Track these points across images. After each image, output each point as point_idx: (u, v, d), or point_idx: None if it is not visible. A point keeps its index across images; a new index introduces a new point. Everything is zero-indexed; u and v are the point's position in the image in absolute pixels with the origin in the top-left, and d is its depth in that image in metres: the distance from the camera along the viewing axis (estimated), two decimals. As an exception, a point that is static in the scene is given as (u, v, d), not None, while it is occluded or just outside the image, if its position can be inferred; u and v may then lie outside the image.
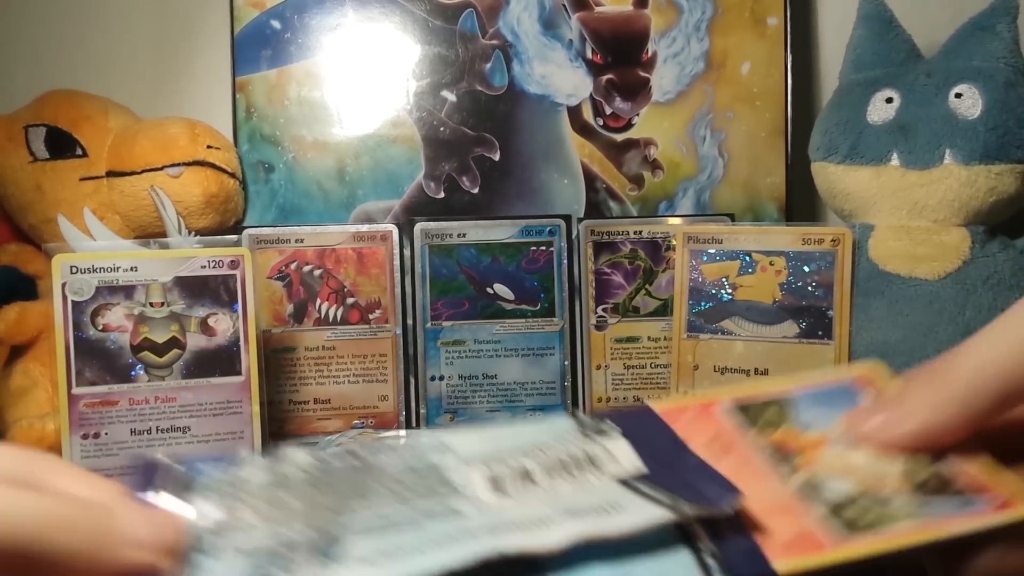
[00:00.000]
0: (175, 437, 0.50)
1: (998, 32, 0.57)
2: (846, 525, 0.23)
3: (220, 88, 0.70)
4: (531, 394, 0.63)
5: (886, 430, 0.25)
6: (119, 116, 0.65)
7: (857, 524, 0.23)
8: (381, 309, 0.63)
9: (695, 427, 0.27)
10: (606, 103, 0.69)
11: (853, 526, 0.23)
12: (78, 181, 0.62)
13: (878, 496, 0.24)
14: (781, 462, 0.26)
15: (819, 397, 0.28)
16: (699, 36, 0.69)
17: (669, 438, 0.27)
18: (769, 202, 0.69)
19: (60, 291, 0.49)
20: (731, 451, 0.26)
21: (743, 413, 0.28)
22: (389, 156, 0.69)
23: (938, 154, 0.56)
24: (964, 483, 0.24)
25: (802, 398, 0.28)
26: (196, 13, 0.73)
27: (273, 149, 0.68)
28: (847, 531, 0.23)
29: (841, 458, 0.26)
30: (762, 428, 0.27)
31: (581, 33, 0.69)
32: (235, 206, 0.66)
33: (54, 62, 0.73)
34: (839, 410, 0.27)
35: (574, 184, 0.69)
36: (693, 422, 0.27)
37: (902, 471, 0.25)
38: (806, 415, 0.28)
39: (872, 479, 0.25)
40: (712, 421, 0.28)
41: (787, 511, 0.24)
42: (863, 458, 0.26)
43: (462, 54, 0.69)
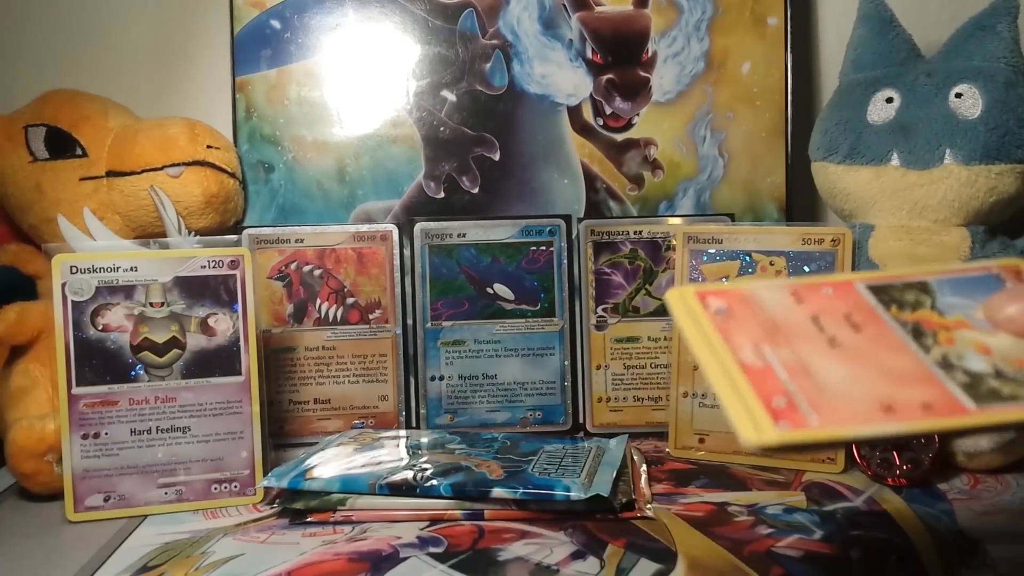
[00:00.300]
0: (175, 437, 0.50)
1: (998, 32, 0.57)
2: (986, 396, 0.24)
3: (220, 88, 0.70)
4: (531, 394, 0.63)
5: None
6: (119, 116, 0.64)
7: (998, 395, 0.24)
8: (381, 309, 0.63)
9: (832, 302, 0.28)
10: (606, 103, 0.69)
11: (993, 397, 0.24)
12: (78, 181, 0.62)
13: (1018, 373, 0.25)
14: (919, 337, 0.27)
15: (961, 283, 0.29)
16: (699, 36, 0.69)
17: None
18: (769, 202, 0.69)
19: (60, 291, 0.49)
20: (869, 324, 0.27)
21: (881, 293, 0.29)
22: (389, 156, 0.69)
23: (938, 154, 0.56)
24: None
25: (943, 283, 0.29)
26: (196, 13, 0.73)
27: (273, 149, 0.68)
28: (987, 400, 0.24)
29: (981, 339, 0.26)
30: (901, 307, 0.28)
31: (581, 33, 0.69)
32: (235, 206, 0.66)
33: (54, 62, 0.73)
34: (982, 296, 0.28)
35: (574, 184, 0.69)
36: (830, 298, 0.28)
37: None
38: (946, 299, 0.28)
39: (1013, 359, 0.26)
40: (849, 298, 0.28)
41: (926, 380, 0.25)
42: (1003, 341, 0.26)
43: (462, 54, 0.69)
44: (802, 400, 0.24)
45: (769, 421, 0.23)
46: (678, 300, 0.29)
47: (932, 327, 0.27)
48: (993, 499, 0.49)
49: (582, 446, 0.54)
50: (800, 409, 0.24)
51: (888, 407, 0.24)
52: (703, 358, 0.26)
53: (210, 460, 0.50)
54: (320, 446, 0.55)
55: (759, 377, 0.25)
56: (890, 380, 0.25)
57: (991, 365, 0.25)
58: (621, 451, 0.53)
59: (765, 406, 0.24)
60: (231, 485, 0.51)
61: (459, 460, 0.50)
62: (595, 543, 0.43)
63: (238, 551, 0.44)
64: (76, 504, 0.49)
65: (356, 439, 0.56)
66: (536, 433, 0.61)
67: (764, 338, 0.27)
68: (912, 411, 0.23)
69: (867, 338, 0.27)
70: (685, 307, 0.28)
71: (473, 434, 0.58)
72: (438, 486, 0.47)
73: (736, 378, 0.25)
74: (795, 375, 0.25)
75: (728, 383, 0.25)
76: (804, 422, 0.23)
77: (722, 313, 0.28)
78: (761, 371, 0.26)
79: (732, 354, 0.26)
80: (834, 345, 0.26)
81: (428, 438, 0.56)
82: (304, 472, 0.49)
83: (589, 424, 0.63)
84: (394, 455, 0.52)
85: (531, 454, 0.52)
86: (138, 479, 0.50)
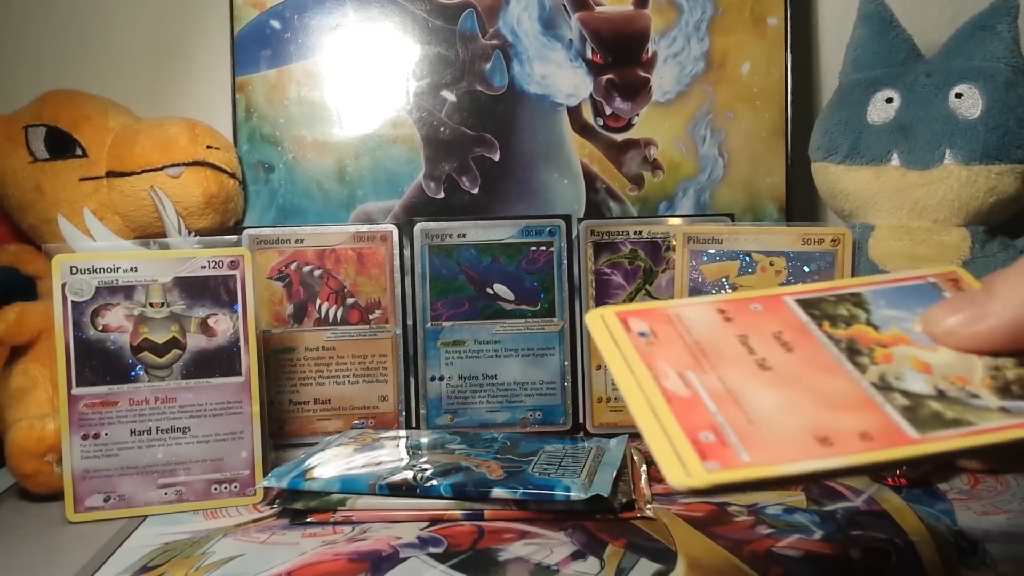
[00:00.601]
0: (175, 437, 0.50)
1: (998, 32, 0.57)
2: (928, 422, 0.22)
3: (220, 88, 0.70)
4: (531, 394, 0.63)
5: (971, 325, 0.24)
6: (119, 116, 0.64)
7: (941, 420, 0.22)
8: (381, 309, 0.63)
9: (761, 320, 0.26)
10: (606, 103, 0.69)
11: (936, 423, 0.22)
12: (78, 181, 0.62)
13: (959, 394, 0.23)
14: (854, 356, 0.25)
15: (897, 294, 0.27)
16: (699, 36, 0.69)
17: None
18: (769, 202, 0.69)
19: (60, 291, 0.49)
20: (800, 343, 0.25)
21: (812, 308, 0.27)
22: (389, 156, 0.69)
23: (938, 154, 0.56)
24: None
25: (877, 294, 0.27)
26: (196, 13, 0.73)
27: (273, 149, 0.68)
28: (929, 427, 0.22)
29: (920, 355, 0.25)
30: (834, 323, 0.26)
31: (581, 33, 0.69)
32: (235, 206, 0.66)
33: (54, 62, 0.73)
34: (919, 308, 0.26)
35: (574, 184, 0.69)
36: (759, 315, 0.26)
37: (985, 371, 0.24)
38: (882, 312, 0.27)
39: (953, 377, 0.24)
40: (779, 314, 0.27)
41: (863, 405, 0.23)
42: (944, 356, 0.24)
43: (462, 54, 0.69)
44: (731, 434, 0.22)
45: (697, 460, 0.22)
46: (598, 323, 0.27)
47: (867, 343, 0.26)
48: (993, 499, 0.49)
49: (582, 446, 0.54)
50: (730, 444, 0.22)
51: (824, 439, 0.22)
52: (624, 387, 0.24)
53: (210, 460, 0.50)
54: (320, 446, 0.55)
55: (684, 408, 0.23)
56: (825, 407, 0.23)
57: (932, 385, 0.24)
58: (621, 451, 0.53)
59: (692, 443, 0.22)
60: (231, 485, 0.51)
61: (459, 460, 0.50)
62: (595, 543, 0.43)
63: (238, 551, 0.44)
64: (76, 504, 0.49)
65: (356, 439, 0.56)
66: (536, 433, 0.61)
67: (690, 363, 0.25)
68: (850, 442, 0.22)
69: (799, 359, 0.25)
70: (606, 330, 0.27)
71: (473, 434, 0.58)
72: (438, 486, 0.47)
73: (660, 410, 0.23)
74: (723, 405, 0.23)
75: (651, 417, 0.23)
76: (734, 460, 0.22)
77: (645, 336, 0.26)
78: (687, 402, 0.24)
79: (655, 382, 0.24)
80: (764, 368, 0.25)
81: (428, 438, 0.56)
82: (304, 472, 0.49)
83: (589, 424, 0.63)
84: (394, 455, 0.52)
85: (531, 454, 0.52)
86: (138, 479, 0.50)
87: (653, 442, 0.22)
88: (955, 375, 0.24)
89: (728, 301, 0.27)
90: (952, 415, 0.23)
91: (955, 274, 0.28)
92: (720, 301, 0.27)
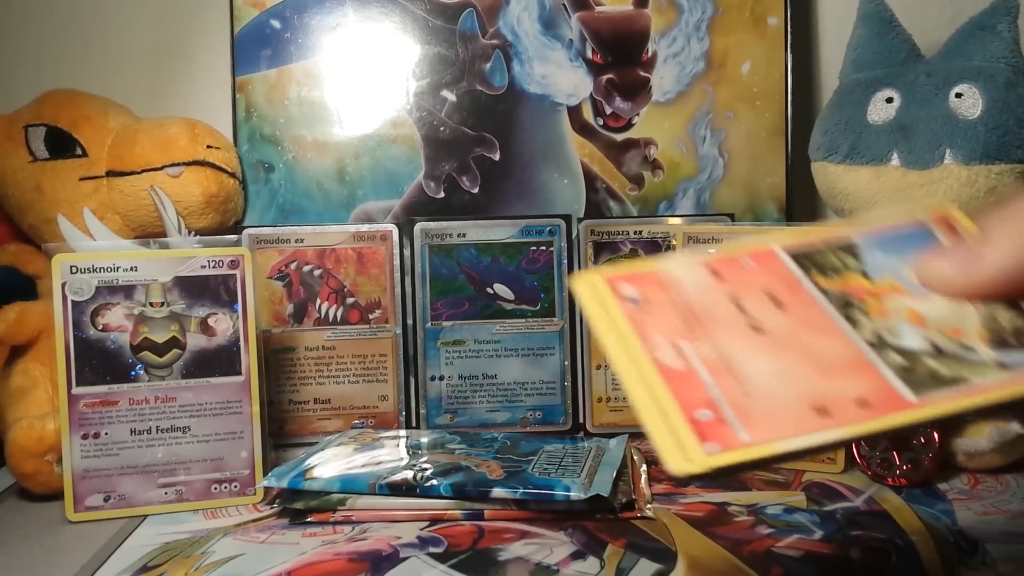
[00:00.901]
0: (175, 437, 0.50)
1: (998, 32, 0.57)
2: (925, 382, 0.21)
3: (220, 88, 0.70)
4: (531, 394, 0.63)
5: (964, 273, 0.23)
6: (119, 116, 0.64)
7: (938, 379, 0.21)
8: (381, 309, 0.63)
9: (752, 276, 0.25)
10: (606, 103, 0.69)
11: (934, 382, 0.21)
12: (78, 181, 0.62)
13: (957, 348, 0.22)
14: (848, 310, 0.24)
15: (891, 240, 0.26)
16: (699, 36, 0.69)
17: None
18: (769, 202, 0.69)
19: (60, 291, 0.49)
20: (793, 300, 0.24)
21: (805, 260, 0.25)
22: (389, 156, 0.69)
23: (938, 154, 0.56)
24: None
25: (871, 241, 0.26)
26: (196, 13, 0.73)
27: (273, 149, 0.68)
28: (927, 387, 0.21)
29: (914, 306, 0.24)
30: (826, 275, 0.25)
31: (581, 33, 0.69)
32: (235, 206, 0.66)
33: (54, 62, 0.73)
34: (912, 254, 0.25)
35: (574, 184, 0.69)
36: (751, 271, 0.25)
37: (981, 321, 0.23)
38: (874, 261, 0.25)
39: (948, 329, 0.23)
40: (771, 269, 0.25)
41: (859, 367, 0.22)
42: (938, 306, 0.23)
43: (462, 54, 0.69)
44: (728, 410, 0.21)
45: (695, 442, 0.20)
46: (587, 289, 0.25)
47: (861, 296, 0.24)
48: (993, 499, 0.49)
49: (582, 446, 0.54)
50: (728, 422, 0.21)
51: (822, 408, 0.21)
52: (617, 360, 0.23)
53: (210, 460, 0.50)
54: (320, 446, 0.55)
55: (681, 383, 0.22)
56: (820, 371, 0.22)
57: (928, 340, 0.23)
58: (621, 451, 0.53)
59: (690, 423, 0.21)
60: (231, 485, 0.51)
61: (459, 460, 0.50)
62: (595, 543, 0.43)
63: (238, 551, 0.44)
64: (76, 504, 0.49)
65: (356, 439, 0.56)
66: (536, 433, 0.61)
67: (683, 331, 0.24)
68: (848, 411, 0.21)
69: (792, 319, 0.24)
70: (595, 297, 0.25)
71: (473, 434, 0.58)
72: (438, 486, 0.47)
73: (656, 387, 0.22)
74: (719, 376, 0.22)
75: (647, 395, 0.22)
76: (734, 440, 0.20)
77: (636, 302, 0.25)
78: (682, 375, 0.22)
79: (648, 355, 0.23)
80: (758, 331, 0.23)
81: (428, 438, 0.56)
82: (304, 472, 0.49)
83: (589, 424, 0.63)
84: (394, 455, 0.52)
85: (531, 454, 0.52)
86: (138, 479, 0.50)
87: (650, 423, 0.21)
88: (950, 326, 0.23)
89: (720, 258, 0.26)
90: (949, 373, 0.22)
91: (948, 214, 0.27)
92: (711, 259, 0.26)
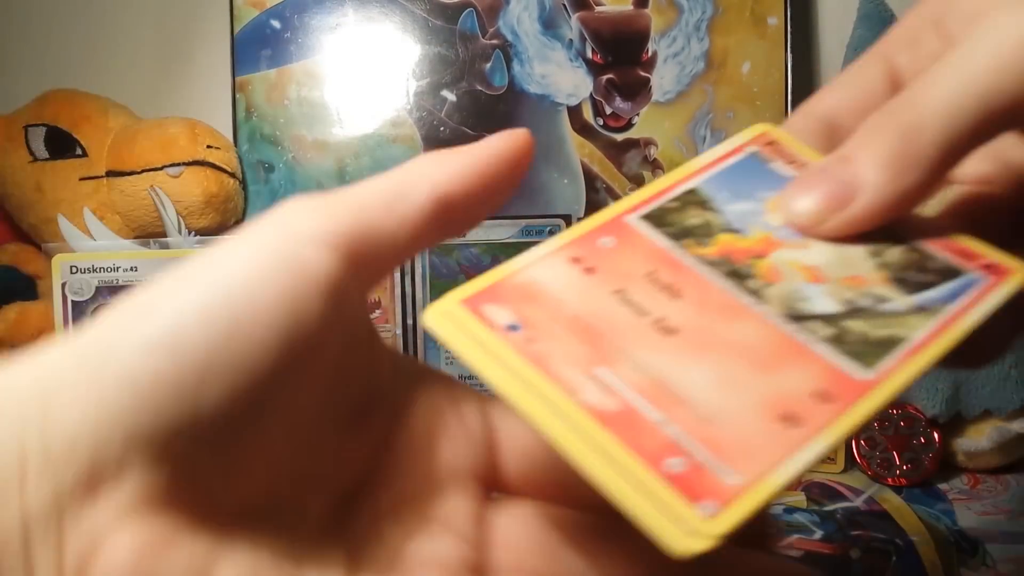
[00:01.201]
0: (175, 437, 0.50)
1: (998, 32, 0.57)
2: (865, 349, 0.18)
3: (220, 88, 0.70)
4: (531, 394, 0.63)
5: (839, 208, 0.20)
6: (119, 116, 0.65)
7: (876, 343, 0.18)
8: (381, 309, 0.63)
9: (622, 260, 0.20)
10: (606, 103, 0.69)
11: (878, 350, 0.18)
12: (78, 181, 0.62)
13: (869, 302, 0.19)
14: (742, 281, 0.20)
15: (731, 179, 0.23)
16: (699, 36, 0.69)
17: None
18: (769, 202, 0.69)
19: (60, 291, 0.49)
20: (682, 282, 0.20)
21: (662, 225, 0.21)
22: (389, 156, 0.69)
23: (938, 154, 0.56)
24: (942, 253, 0.20)
25: (712, 187, 0.22)
26: (196, 13, 0.73)
27: (273, 149, 0.68)
28: (872, 356, 0.18)
29: (801, 260, 0.20)
30: (697, 240, 0.21)
31: (581, 33, 0.69)
32: (235, 206, 0.66)
33: (54, 62, 0.73)
34: (760, 193, 0.22)
35: (574, 184, 0.69)
36: (616, 252, 0.20)
37: (874, 258, 0.20)
38: (729, 210, 0.22)
39: (848, 279, 0.20)
40: (635, 245, 0.21)
41: (791, 351, 0.18)
42: (822, 253, 0.20)
43: (462, 54, 0.69)
44: (699, 449, 0.16)
45: (685, 506, 0.15)
46: (449, 326, 0.19)
47: (742, 258, 0.20)
48: (993, 499, 0.49)
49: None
50: (705, 466, 0.16)
51: (787, 416, 0.17)
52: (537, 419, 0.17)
53: (210, 460, 0.50)
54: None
55: (626, 429, 0.17)
56: (758, 368, 0.18)
57: (839, 299, 0.19)
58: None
59: (666, 481, 0.16)
60: (231, 485, 0.51)
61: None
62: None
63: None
64: (76, 504, 0.49)
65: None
66: (536, 433, 0.61)
67: (592, 356, 0.18)
68: (814, 412, 0.17)
69: (694, 306, 0.19)
70: (465, 335, 0.19)
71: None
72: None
73: (604, 444, 0.16)
74: (663, 405, 0.17)
75: (599, 458, 0.16)
76: (725, 488, 0.16)
77: (518, 329, 0.19)
78: (622, 417, 0.17)
79: (573, 402, 0.17)
80: (670, 332, 0.18)
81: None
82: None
83: (589, 424, 0.63)
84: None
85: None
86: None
87: (619, 495, 0.16)
88: (848, 275, 0.20)
89: (575, 243, 0.20)
90: (883, 333, 0.18)
91: (768, 135, 0.23)
92: (567, 245, 0.20)
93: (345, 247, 0.17)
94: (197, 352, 0.15)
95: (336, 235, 0.17)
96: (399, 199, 0.19)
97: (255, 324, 0.16)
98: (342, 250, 0.17)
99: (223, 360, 0.16)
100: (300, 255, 0.17)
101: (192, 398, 0.15)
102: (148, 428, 0.15)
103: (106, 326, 0.16)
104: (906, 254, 0.20)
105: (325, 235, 0.17)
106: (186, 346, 0.15)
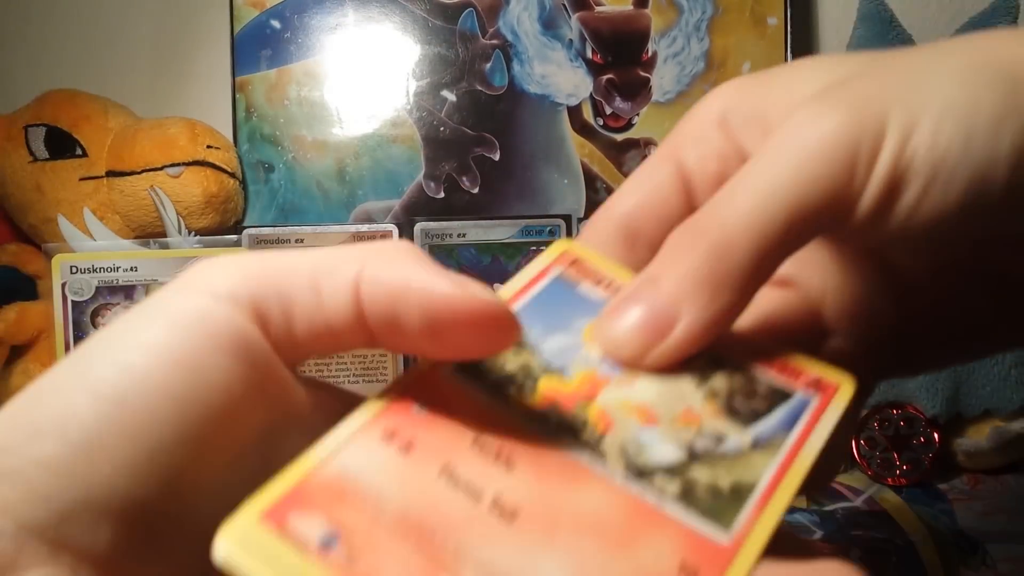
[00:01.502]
0: (175, 437, 0.50)
1: (998, 32, 0.57)
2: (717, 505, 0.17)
3: (220, 88, 0.70)
4: (531, 394, 0.63)
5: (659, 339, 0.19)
6: (119, 116, 0.65)
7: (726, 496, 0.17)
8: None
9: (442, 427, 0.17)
10: (606, 103, 0.69)
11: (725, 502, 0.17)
12: (78, 181, 0.62)
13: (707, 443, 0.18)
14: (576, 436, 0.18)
15: (539, 312, 0.20)
16: (699, 36, 0.69)
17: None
18: (769, 202, 0.69)
19: (60, 291, 0.49)
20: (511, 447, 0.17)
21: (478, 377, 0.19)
22: (389, 156, 0.69)
23: (938, 154, 0.56)
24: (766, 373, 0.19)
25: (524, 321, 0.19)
26: (196, 13, 0.73)
27: (273, 149, 0.68)
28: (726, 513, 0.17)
29: (628, 398, 0.18)
30: (518, 389, 0.18)
31: (581, 33, 0.69)
32: (235, 206, 0.66)
33: (54, 62, 0.73)
34: (574, 322, 0.20)
35: (574, 184, 0.69)
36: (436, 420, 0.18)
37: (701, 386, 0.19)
38: (546, 348, 0.19)
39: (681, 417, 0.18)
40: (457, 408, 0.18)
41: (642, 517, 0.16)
42: (648, 387, 0.19)
43: (462, 54, 0.69)
44: None
45: None
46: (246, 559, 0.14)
47: (569, 406, 0.18)
48: (993, 499, 0.49)
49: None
50: None
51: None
52: None
53: (210, 460, 0.50)
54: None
55: None
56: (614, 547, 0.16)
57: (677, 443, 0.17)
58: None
59: None
60: (231, 485, 0.51)
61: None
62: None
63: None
64: (76, 504, 0.49)
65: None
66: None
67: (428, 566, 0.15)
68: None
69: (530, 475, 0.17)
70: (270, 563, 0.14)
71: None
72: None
73: None
74: None
75: None
76: None
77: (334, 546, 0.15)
78: None
79: None
80: (510, 517, 0.16)
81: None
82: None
83: (589, 424, 0.63)
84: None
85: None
86: (138, 479, 0.49)
87: None
88: (679, 412, 0.18)
89: (388, 413, 0.17)
90: (729, 481, 0.17)
91: (569, 253, 0.21)
92: (379, 416, 0.17)
93: (251, 304, 0.16)
94: (84, 431, 0.14)
95: (244, 291, 0.16)
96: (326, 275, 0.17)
97: (148, 390, 0.15)
98: (250, 307, 0.16)
99: (113, 434, 0.14)
100: (201, 310, 0.16)
101: (82, 479, 0.14)
102: (41, 517, 0.14)
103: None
104: (731, 377, 0.19)
105: (232, 290, 0.16)
106: (72, 427, 0.14)
